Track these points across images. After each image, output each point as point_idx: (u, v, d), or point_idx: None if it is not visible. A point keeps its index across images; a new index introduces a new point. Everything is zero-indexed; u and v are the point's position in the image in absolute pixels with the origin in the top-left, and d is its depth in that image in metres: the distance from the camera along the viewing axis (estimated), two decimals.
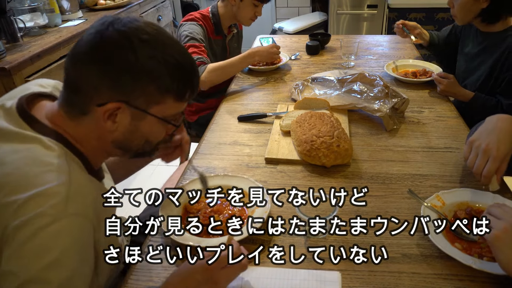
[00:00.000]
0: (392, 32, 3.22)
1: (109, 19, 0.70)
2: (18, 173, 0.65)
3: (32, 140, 0.70)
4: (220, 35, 1.95)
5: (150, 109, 0.72)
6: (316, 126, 1.21)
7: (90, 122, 0.73)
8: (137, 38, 0.68)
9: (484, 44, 1.58)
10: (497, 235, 0.73)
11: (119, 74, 0.68)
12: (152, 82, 0.69)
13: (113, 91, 0.69)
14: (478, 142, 0.96)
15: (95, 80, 0.68)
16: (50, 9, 2.26)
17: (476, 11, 1.48)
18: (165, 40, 0.71)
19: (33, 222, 0.61)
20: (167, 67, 0.70)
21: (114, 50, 0.67)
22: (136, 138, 0.77)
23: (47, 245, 0.61)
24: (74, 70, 0.71)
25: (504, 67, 1.47)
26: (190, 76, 0.75)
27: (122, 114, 0.71)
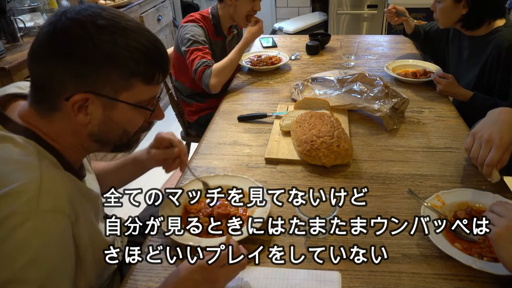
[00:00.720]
0: (392, 32, 3.24)
1: (62, 9, 0.67)
2: None
3: (3, 140, 0.68)
4: (220, 36, 1.95)
5: (119, 96, 0.70)
6: (316, 126, 1.21)
7: (62, 118, 0.71)
8: (93, 25, 0.65)
9: (470, 48, 1.60)
10: (498, 233, 0.73)
11: (79, 64, 0.65)
12: (115, 68, 0.67)
13: (78, 83, 0.67)
14: (480, 133, 0.96)
15: (58, 74, 0.66)
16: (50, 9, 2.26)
17: (457, 17, 1.52)
18: (124, 24, 0.68)
19: (5, 222, 0.60)
20: (129, 51, 0.67)
21: (70, 40, 0.65)
22: (112, 128, 0.74)
23: (22, 244, 0.60)
24: (35, 67, 0.68)
25: (492, 71, 1.50)
26: (156, 58, 0.71)
27: (92, 105, 0.69)
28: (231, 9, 1.84)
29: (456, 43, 1.71)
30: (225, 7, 1.86)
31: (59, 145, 0.73)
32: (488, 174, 0.95)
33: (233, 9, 1.84)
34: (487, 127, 0.96)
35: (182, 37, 1.78)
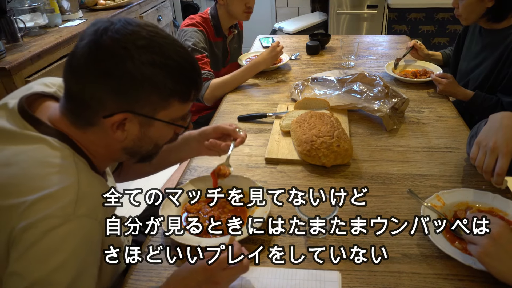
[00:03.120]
0: (392, 32, 3.24)
1: (101, 25, 0.66)
2: (25, 175, 0.65)
3: (37, 141, 0.69)
4: (220, 37, 1.95)
5: (157, 114, 0.71)
6: (316, 126, 1.21)
7: (96, 131, 0.72)
8: (133, 45, 0.65)
9: (487, 41, 1.58)
10: (482, 253, 0.74)
11: (121, 85, 0.66)
12: (155, 89, 0.68)
13: (118, 102, 0.68)
14: (485, 142, 0.95)
15: (98, 92, 0.67)
16: (50, 9, 2.26)
17: (481, 11, 1.48)
18: (162, 42, 0.68)
19: (40, 224, 0.61)
20: (168, 72, 0.68)
21: (112, 61, 0.65)
22: (146, 143, 0.76)
23: (54, 248, 0.61)
24: (75, 84, 0.69)
25: (506, 64, 1.47)
26: (193, 76, 0.73)
27: (130, 123, 0.70)
28: (225, 7, 1.84)
29: (469, 37, 1.70)
30: (220, 7, 1.87)
31: (89, 152, 0.75)
32: (499, 183, 0.93)
33: (227, 7, 1.84)
34: (491, 134, 0.95)
35: (182, 42, 1.79)
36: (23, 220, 0.61)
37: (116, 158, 0.80)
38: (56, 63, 1.93)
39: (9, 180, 0.65)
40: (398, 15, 3.18)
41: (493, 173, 0.92)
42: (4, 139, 0.70)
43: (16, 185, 0.64)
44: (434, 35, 3.22)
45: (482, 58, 1.59)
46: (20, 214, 0.61)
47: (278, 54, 1.77)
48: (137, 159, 0.81)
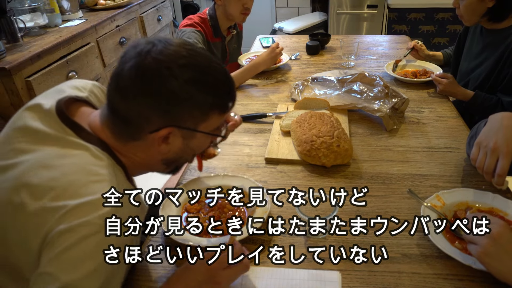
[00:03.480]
0: (392, 32, 3.24)
1: (143, 47, 0.69)
2: (66, 179, 0.66)
3: (79, 147, 0.71)
4: (219, 37, 1.94)
5: (198, 127, 0.75)
6: (316, 126, 1.21)
7: (140, 145, 0.75)
8: (176, 65, 0.68)
9: (487, 41, 1.58)
10: (482, 253, 0.75)
11: (166, 103, 0.69)
12: (196, 104, 0.71)
13: (164, 118, 0.71)
14: (485, 142, 0.95)
15: (145, 111, 0.70)
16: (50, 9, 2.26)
17: (482, 11, 1.48)
18: (200, 59, 0.72)
19: (79, 229, 0.62)
20: (207, 87, 0.71)
21: (158, 82, 0.68)
22: (186, 154, 0.80)
23: (89, 255, 0.62)
24: (122, 103, 0.71)
25: (506, 64, 1.47)
26: (229, 89, 0.77)
27: (174, 136, 0.74)
28: (223, 8, 1.84)
29: (470, 37, 1.70)
30: (218, 7, 1.86)
31: (125, 161, 0.77)
32: (500, 184, 0.93)
33: (224, 8, 1.84)
34: (491, 135, 0.95)
35: None
36: (62, 223, 0.62)
37: (151, 168, 0.83)
38: (56, 63, 1.93)
39: (49, 182, 0.65)
40: (398, 15, 3.19)
41: (494, 174, 0.92)
42: (40, 140, 0.71)
43: (56, 188, 0.65)
44: (434, 35, 3.23)
45: (483, 58, 1.59)
46: (60, 217, 0.62)
47: (277, 55, 1.77)
48: (171, 169, 0.84)
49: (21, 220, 0.65)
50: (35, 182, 0.66)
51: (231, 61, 2.08)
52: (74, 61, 2.05)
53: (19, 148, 0.72)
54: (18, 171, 0.68)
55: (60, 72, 1.95)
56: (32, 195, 0.65)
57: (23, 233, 0.65)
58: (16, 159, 0.70)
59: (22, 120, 0.75)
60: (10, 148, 0.73)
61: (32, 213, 0.64)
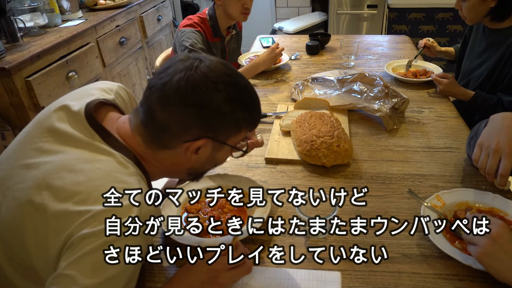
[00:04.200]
0: (392, 32, 3.24)
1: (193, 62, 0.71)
2: (91, 185, 0.66)
3: (104, 153, 0.71)
4: (218, 37, 1.94)
5: (228, 140, 0.77)
6: (316, 126, 1.21)
7: (170, 153, 0.75)
8: (221, 81, 0.71)
9: (490, 40, 1.59)
10: (482, 253, 0.75)
11: (209, 117, 0.71)
12: (234, 120, 0.74)
13: (202, 130, 0.72)
14: (487, 143, 0.94)
15: (187, 122, 0.71)
16: (50, 9, 2.26)
17: (485, 11, 1.49)
18: (240, 79, 0.76)
19: (101, 235, 0.62)
20: (246, 106, 0.75)
21: (204, 95, 0.70)
22: (210, 164, 0.82)
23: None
24: (164, 112, 0.71)
25: (508, 63, 1.48)
26: (260, 109, 0.80)
27: (205, 147, 0.75)
28: (223, 8, 1.84)
29: (473, 36, 1.71)
30: (218, 7, 1.86)
31: (150, 168, 0.78)
32: (503, 184, 0.93)
33: (224, 8, 1.84)
34: (493, 135, 0.94)
35: (180, 43, 1.78)
36: (85, 228, 0.62)
37: (173, 175, 0.86)
38: (56, 63, 1.93)
39: (73, 186, 0.66)
40: (398, 15, 3.19)
41: (496, 175, 0.91)
42: (66, 142, 0.72)
43: (80, 192, 0.65)
44: (434, 35, 3.22)
45: (485, 58, 1.60)
46: (83, 222, 0.63)
47: (277, 56, 1.77)
48: (192, 177, 0.86)
49: (40, 221, 0.65)
50: (58, 185, 0.66)
51: (231, 61, 2.08)
52: (74, 61, 2.05)
53: (43, 148, 0.72)
54: (41, 172, 0.68)
55: (60, 72, 1.95)
56: (54, 197, 0.65)
57: (42, 234, 0.65)
58: (39, 158, 0.70)
59: (49, 120, 0.75)
60: (34, 147, 0.73)
61: (54, 215, 0.64)
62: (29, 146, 0.74)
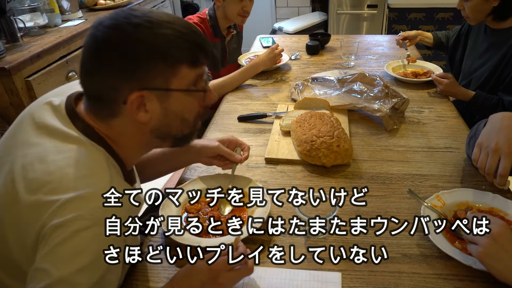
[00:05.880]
0: (392, 32, 3.24)
1: (98, 20, 0.70)
2: (60, 174, 0.66)
3: (76, 141, 0.70)
4: (218, 37, 1.94)
5: (171, 85, 0.71)
6: (316, 126, 1.21)
7: (122, 121, 0.73)
8: (129, 24, 0.67)
9: (492, 40, 1.59)
10: (482, 252, 0.75)
11: (126, 65, 0.68)
12: (159, 59, 0.69)
13: (130, 83, 0.69)
14: (486, 143, 0.94)
15: (110, 81, 0.69)
16: (50, 9, 2.26)
17: (488, 10, 1.50)
18: (157, 17, 0.70)
19: (71, 224, 0.62)
20: (168, 40, 0.69)
21: (113, 46, 0.67)
22: (172, 119, 0.75)
23: (81, 249, 0.62)
24: (87, 81, 0.71)
25: (509, 63, 1.48)
26: (194, 39, 0.73)
27: (149, 101, 0.71)
28: (222, 9, 1.84)
29: (474, 36, 1.71)
30: (218, 8, 1.87)
31: (122, 151, 0.76)
32: (503, 184, 0.93)
33: (223, 9, 1.84)
34: (492, 135, 0.94)
35: None
36: (55, 218, 0.62)
37: (147, 145, 0.80)
38: (56, 63, 1.93)
39: (44, 176, 0.66)
40: (398, 15, 3.18)
41: (496, 175, 0.91)
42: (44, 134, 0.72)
43: (50, 182, 0.65)
44: None
45: (486, 58, 1.60)
46: (52, 212, 0.62)
47: (276, 56, 1.77)
48: (170, 143, 0.81)
49: (15, 213, 0.65)
50: (31, 176, 0.66)
51: (231, 61, 2.08)
52: (74, 61, 2.05)
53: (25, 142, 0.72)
54: (18, 165, 0.69)
55: (60, 72, 1.94)
56: (27, 188, 0.65)
57: (18, 227, 0.65)
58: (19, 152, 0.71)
59: (31, 116, 0.75)
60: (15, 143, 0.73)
61: (27, 206, 0.64)
62: (11, 143, 0.74)
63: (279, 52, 1.78)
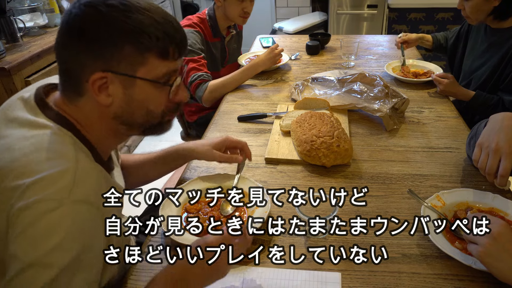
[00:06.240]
0: (392, 32, 3.24)
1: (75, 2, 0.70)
2: (25, 159, 0.66)
3: (42, 127, 0.70)
4: (218, 37, 1.94)
5: (136, 72, 0.70)
6: (316, 126, 1.21)
7: (87, 102, 0.73)
8: (104, 4, 0.67)
9: (492, 39, 1.59)
10: (483, 252, 0.74)
11: (95, 43, 0.67)
12: (128, 43, 0.68)
13: (96, 62, 0.68)
14: (487, 143, 0.94)
15: (78, 57, 0.69)
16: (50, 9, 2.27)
17: (489, 10, 1.49)
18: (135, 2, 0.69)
19: (36, 206, 0.61)
20: (140, 26, 0.68)
21: (85, 22, 0.67)
22: (136, 108, 0.74)
23: (50, 230, 0.61)
24: (59, 56, 0.72)
25: (510, 63, 1.48)
26: (169, 31, 0.71)
27: (112, 85, 0.70)
28: (222, 9, 1.84)
29: (474, 35, 1.71)
30: (218, 8, 1.87)
31: (90, 135, 0.75)
32: (503, 184, 0.93)
33: (224, 9, 1.84)
34: (493, 135, 0.94)
35: None
36: (20, 201, 0.62)
37: (115, 132, 0.78)
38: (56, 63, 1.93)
39: (10, 163, 0.66)
40: (398, 15, 3.18)
41: (496, 175, 0.91)
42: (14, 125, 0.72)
43: (15, 168, 0.65)
44: None
45: (486, 57, 1.60)
46: (18, 196, 0.62)
47: (276, 56, 1.77)
48: (139, 131, 0.79)
49: None
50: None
51: (231, 61, 2.08)
52: None
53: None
54: None
55: None
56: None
57: None
58: None
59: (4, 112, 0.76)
60: None
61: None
62: None
63: (279, 52, 1.78)
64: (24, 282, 0.60)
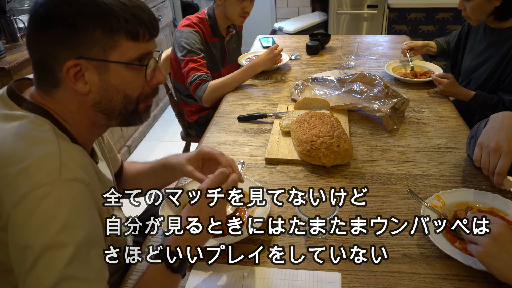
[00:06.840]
0: (392, 32, 3.24)
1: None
2: (6, 148, 0.66)
3: (19, 118, 0.70)
4: (217, 37, 1.94)
5: (109, 56, 0.71)
6: (316, 126, 1.21)
7: (64, 93, 0.73)
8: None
9: (491, 39, 1.59)
10: (483, 252, 0.74)
11: (63, 31, 0.67)
12: (96, 27, 0.68)
13: (67, 51, 0.68)
14: (487, 142, 0.94)
15: (48, 48, 0.69)
16: None
17: (489, 10, 1.49)
18: None
19: (30, 194, 0.61)
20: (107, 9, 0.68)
21: (52, 11, 0.67)
22: (113, 93, 0.74)
23: (52, 212, 0.61)
24: (30, 49, 0.72)
25: (510, 63, 1.48)
26: (136, 12, 0.71)
27: (87, 72, 0.70)
28: (222, 8, 1.85)
29: (474, 35, 1.71)
30: (217, 7, 1.87)
31: (70, 126, 0.75)
32: (500, 183, 0.93)
33: (223, 8, 1.84)
34: (493, 135, 0.95)
35: (178, 43, 1.79)
36: (12, 193, 0.61)
37: (94, 121, 0.78)
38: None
39: None
40: (398, 15, 3.18)
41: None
42: None
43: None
44: (434, 35, 3.22)
45: (486, 57, 1.60)
46: (7, 186, 0.62)
47: (276, 56, 1.77)
48: (117, 120, 0.79)
49: None
50: None
51: (231, 61, 2.08)
52: None
53: None
54: None
55: None
56: None
57: None
58: None
59: None
60: None
61: None
62: None
63: (279, 52, 1.78)
64: (44, 267, 0.59)
